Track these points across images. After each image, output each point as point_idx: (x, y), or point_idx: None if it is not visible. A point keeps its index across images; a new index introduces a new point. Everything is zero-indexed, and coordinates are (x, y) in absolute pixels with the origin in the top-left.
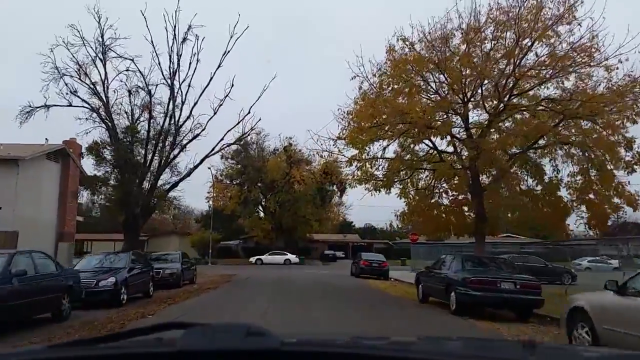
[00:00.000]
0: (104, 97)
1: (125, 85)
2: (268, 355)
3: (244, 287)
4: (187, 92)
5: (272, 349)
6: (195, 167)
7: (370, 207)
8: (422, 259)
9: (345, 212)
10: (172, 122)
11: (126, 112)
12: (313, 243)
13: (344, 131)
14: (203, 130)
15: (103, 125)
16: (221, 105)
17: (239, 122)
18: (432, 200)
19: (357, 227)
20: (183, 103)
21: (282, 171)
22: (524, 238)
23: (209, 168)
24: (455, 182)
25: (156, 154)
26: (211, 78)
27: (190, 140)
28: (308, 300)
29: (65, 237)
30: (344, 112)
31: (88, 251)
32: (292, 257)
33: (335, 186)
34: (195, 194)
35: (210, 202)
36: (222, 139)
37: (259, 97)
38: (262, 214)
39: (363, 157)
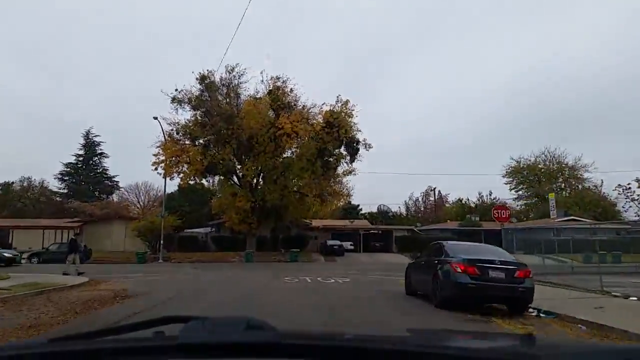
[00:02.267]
0: None
1: None
2: (268, 348)
3: None
4: None
5: (272, 342)
6: None
7: (377, 185)
8: (537, 252)
9: (351, 189)
10: None
11: None
12: (311, 230)
13: None
14: None
15: None
16: None
17: None
18: None
19: (363, 212)
20: None
21: (265, 121)
22: (590, 221)
23: (156, 119)
24: None
25: None
26: None
27: None
28: None
29: None
30: None
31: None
32: None
33: (343, 146)
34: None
35: (159, 170)
36: None
37: None
38: (238, 189)
39: None
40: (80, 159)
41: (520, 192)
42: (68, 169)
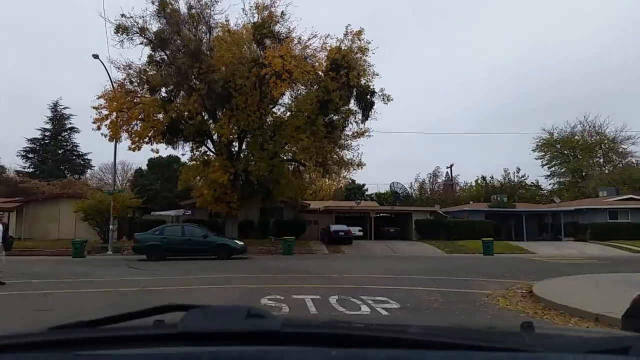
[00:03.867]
0: None
1: None
2: (268, 336)
3: None
4: None
5: (272, 331)
6: None
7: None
8: None
9: (353, 164)
10: None
11: None
12: (309, 213)
13: None
14: None
15: None
16: None
17: None
18: None
19: (369, 192)
20: None
21: (244, 56)
22: None
23: (97, 57)
24: None
25: None
26: None
27: None
28: None
29: None
30: None
31: None
32: None
33: (353, 99)
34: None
35: (103, 130)
36: None
37: None
38: (211, 154)
39: None
40: (47, 134)
41: (553, 169)
42: (33, 146)
